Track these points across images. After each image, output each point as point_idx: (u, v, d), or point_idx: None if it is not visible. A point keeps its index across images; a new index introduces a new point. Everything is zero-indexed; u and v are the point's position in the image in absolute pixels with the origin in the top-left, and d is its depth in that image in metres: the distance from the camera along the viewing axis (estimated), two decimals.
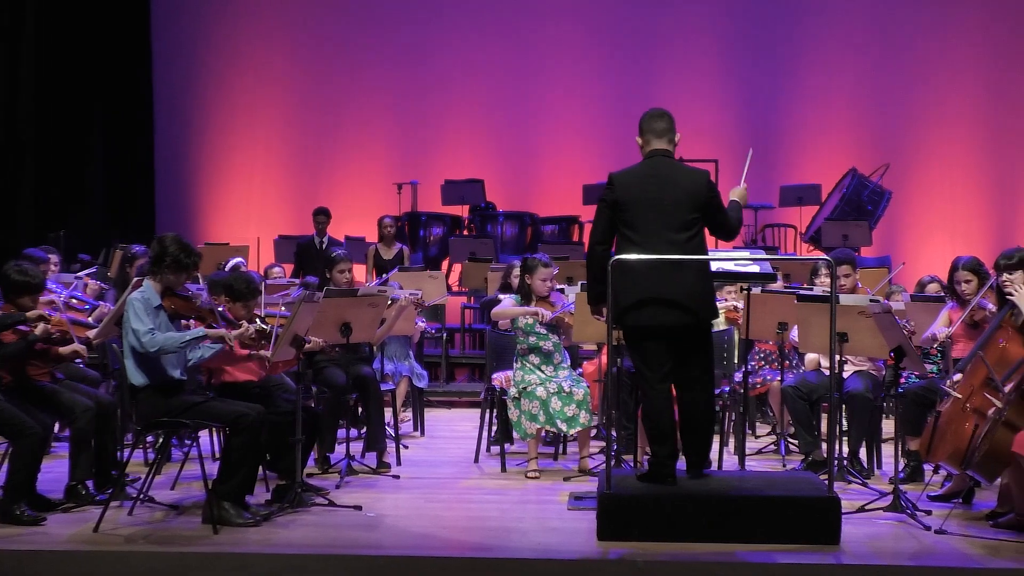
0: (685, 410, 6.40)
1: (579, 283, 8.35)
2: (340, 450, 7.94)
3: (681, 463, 6.43)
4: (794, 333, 8.03)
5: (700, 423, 6.39)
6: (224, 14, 16.12)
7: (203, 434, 7.86)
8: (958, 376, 6.90)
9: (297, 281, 10.50)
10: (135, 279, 7.01)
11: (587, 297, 6.66)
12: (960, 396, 6.71)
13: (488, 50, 15.90)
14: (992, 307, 7.15)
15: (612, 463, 6.46)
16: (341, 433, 8.15)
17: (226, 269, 9.55)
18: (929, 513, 6.69)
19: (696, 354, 6.38)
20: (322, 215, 13.43)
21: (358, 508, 6.83)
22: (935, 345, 7.57)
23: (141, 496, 6.71)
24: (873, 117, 15.52)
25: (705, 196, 6.33)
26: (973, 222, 15.18)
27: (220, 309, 6.82)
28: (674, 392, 6.44)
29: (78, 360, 7.24)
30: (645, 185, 6.34)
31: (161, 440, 7.32)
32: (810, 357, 8.29)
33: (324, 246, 12.99)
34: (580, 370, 8.70)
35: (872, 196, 14.11)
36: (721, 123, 15.18)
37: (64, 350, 6.94)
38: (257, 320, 6.99)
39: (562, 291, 8.36)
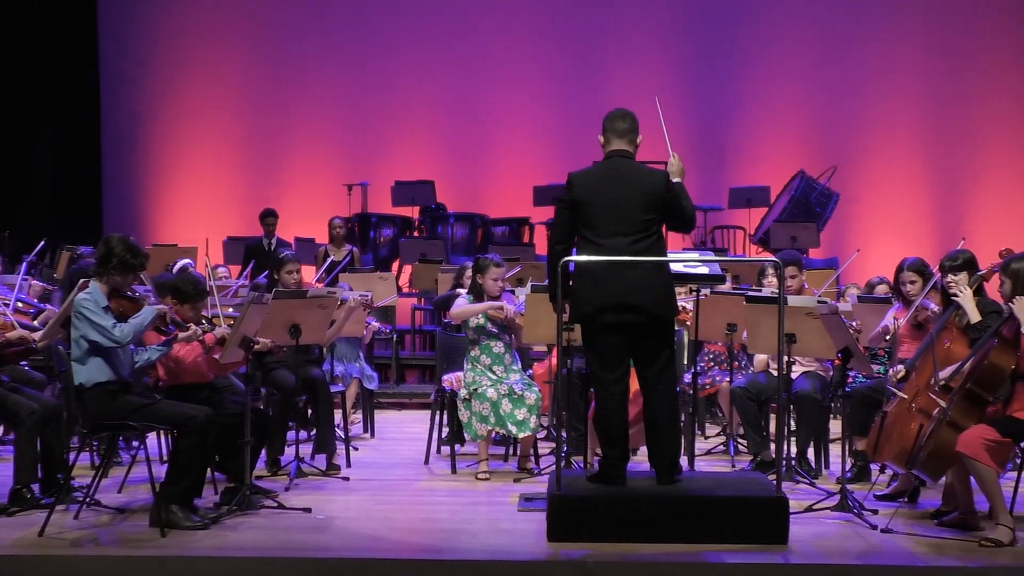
0: (650, 409, 6.41)
1: (529, 284, 8.36)
2: (290, 452, 7.90)
3: (639, 466, 6.46)
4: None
5: (664, 421, 6.40)
6: (172, 13, 15.99)
7: (151, 436, 7.79)
8: (900, 368, 6.97)
9: (242, 282, 10.44)
10: (80, 281, 6.94)
11: (549, 296, 6.66)
12: (906, 396, 6.78)
13: (439, 51, 15.89)
14: (935, 307, 7.22)
15: (562, 464, 6.47)
16: (291, 435, 8.11)
17: (173, 271, 9.47)
18: (875, 512, 6.75)
19: (658, 353, 6.40)
20: (271, 216, 13.37)
21: (307, 510, 6.80)
22: (887, 337, 7.61)
23: (87, 499, 6.65)
24: (821, 120, 15.66)
25: (663, 196, 6.36)
26: (919, 223, 15.35)
27: (167, 308, 6.76)
28: (634, 394, 6.47)
29: (24, 363, 7.16)
30: (603, 185, 6.37)
31: (108, 443, 7.24)
32: (759, 358, 8.34)
33: (273, 247, 12.92)
34: (531, 372, 8.70)
35: (820, 198, 14.23)
36: (670, 124, 15.20)
37: (11, 335, 6.89)
38: (204, 322, 6.95)
39: (513, 292, 8.37)
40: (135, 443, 7.95)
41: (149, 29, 15.99)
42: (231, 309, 7.65)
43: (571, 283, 6.39)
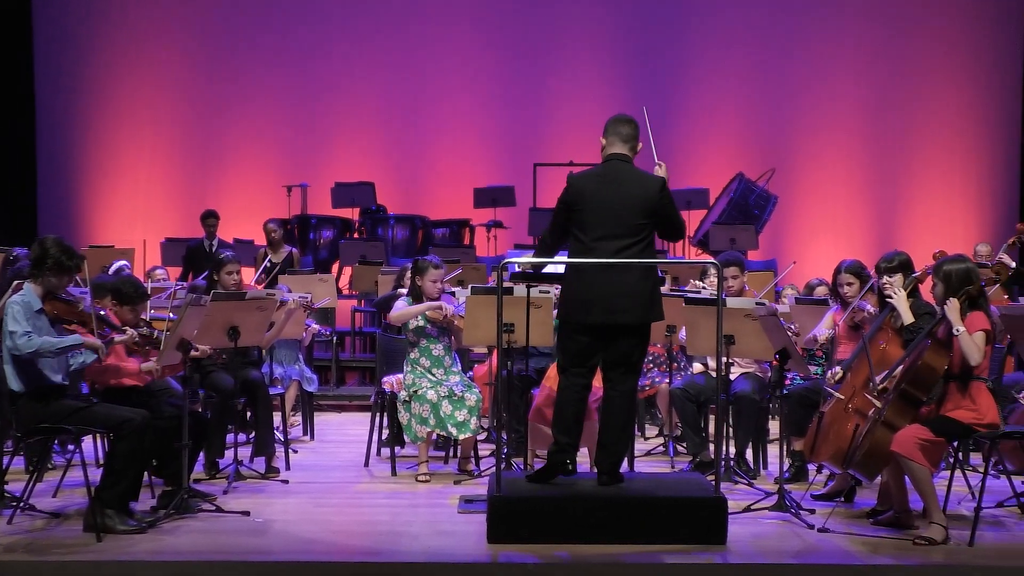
0: (608, 408, 6.45)
1: (470, 286, 8.35)
2: (228, 455, 7.84)
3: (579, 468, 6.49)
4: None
5: (619, 421, 6.44)
6: (110, 12, 15.83)
7: (86, 440, 7.70)
8: (837, 369, 7.05)
9: (183, 284, 10.34)
10: (15, 283, 6.84)
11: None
12: (842, 397, 6.86)
13: (378, 52, 15.85)
14: (872, 309, 7.31)
15: (502, 466, 6.48)
16: (229, 438, 8.05)
17: (110, 272, 9.37)
18: (812, 512, 6.81)
19: (631, 354, 6.45)
20: (212, 217, 13.28)
21: (246, 514, 6.75)
22: (817, 347, 7.71)
23: (21, 504, 6.56)
24: (759, 122, 15.79)
25: (657, 202, 6.42)
26: (857, 225, 15.53)
27: (103, 313, 6.68)
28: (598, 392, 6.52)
29: None
30: (599, 188, 6.40)
31: (42, 447, 7.15)
32: (698, 366, 8.41)
33: (214, 249, 12.82)
34: (471, 374, 8.70)
35: (759, 200, 14.35)
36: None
37: None
38: (143, 325, 6.88)
39: (453, 294, 8.36)
40: (70, 447, 7.84)
41: (85, 28, 15.80)
42: (168, 312, 7.58)
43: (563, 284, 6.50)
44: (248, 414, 8.60)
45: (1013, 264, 11.00)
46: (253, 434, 8.33)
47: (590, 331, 6.38)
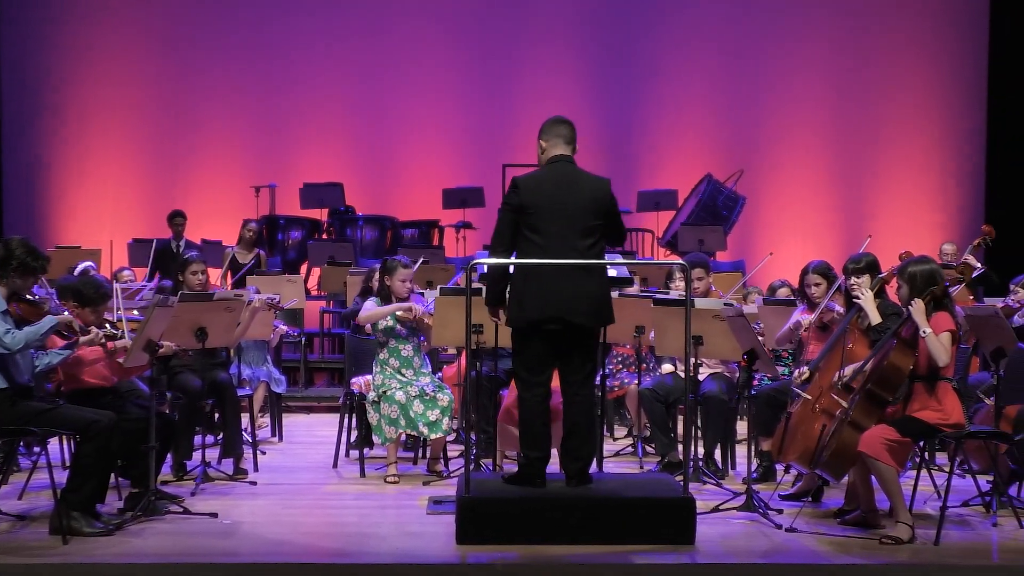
0: (570, 413, 6.44)
1: (439, 287, 8.35)
2: (196, 457, 7.80)
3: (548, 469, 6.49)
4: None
5: (583, 426, 6.43)
6: (76, 12, 15.72)
7: (52, 442, 7.63)
8: (805, 369, 7.09)
9: (149, 284, 10.29)
10: None
11: (485, 299, 6.61)
12: (810, 397, 6.89)
13: (347, 52, 15.81)
14: (840, 309, 7.36)
15: (471, 467, 6.47)
16: (197, 439, 8.01)
17: (75, 273, 9.30)
18: (780, 512, 6.84)
19: (586, 358, 6.45)
20: (179, 217, 13.22)
21: (214, 515, 6.73)
22: (800, 331, 7.71)
23: None
24: (727, 124, 15.85)
25: (608, 203, 6.41)
26: (824, 225, 15.61)
27: (67, 314, 6.64)
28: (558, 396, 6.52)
29: None
30: (551, 190, 6.37)
31: (7, 449, 7.10)
32: (667, 366, 8.43)
33: (181, 249, 12.76)
34: (440, 375, 8.69)
35: (727, 201, 14.40)
36: (579, 128, 15.21)
37: None
38: (107, 326, 6.83)
39: (422, 294, 8.35)
40: (36, 449, 7.78)
41: (51, 28, 15.69)
42: (135, 312, 7.53)
43: (511, 287, 6.41)
44: (216, 415, 8.56)
45: (978, 265, 11.09)
46: (221, 435, 8.29)
47: (545, 335, 6.34)
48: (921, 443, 6.83)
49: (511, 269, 6.41)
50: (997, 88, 15.49)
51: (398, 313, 7.93)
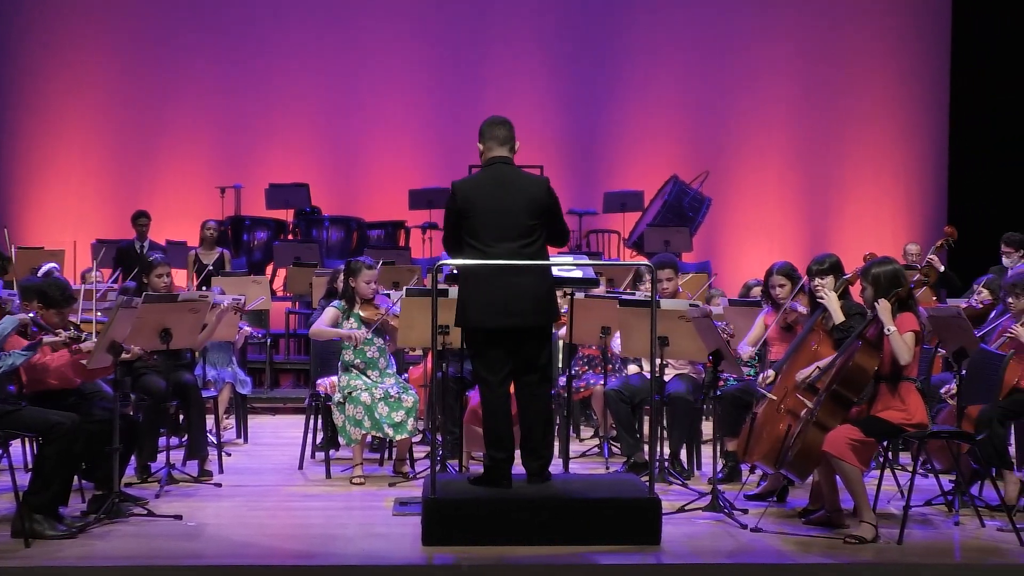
0: (527, 413, 6.45)
1: (404, 288, 8.33)
2: (161, 459, 7.76)
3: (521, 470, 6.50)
4: (616, 339, 8.17)
5: (541, 425, 6.46)
6: (40, 10, 15.60)
7: (14, 444, 7.56)
8: (770, 372, 7.13)
9: (115, 285, 10.23)
10: None
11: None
12: (775, 398, 6.93)
13: (314, 52, 15.76)
14: (803, 309, 7.39)
15: (437, 468, 6.47)
16: (162, 441, 7.96)
17: (39, 274, 9.23)
18: (746, 512, 6.87)
19: (537, 357, 6.46)
20: (143, 218, 13.14)
21: (178, 517, 6.69)
22: (753, 350, 7.77)
23: None
24: (693, 125, 15.90)
25: (545, 202, 6.42)
26: (790, 226, 15.68)
27: (31, 315, 6.59)
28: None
29: None
30: (486, 193, 6.39)
31: None
32: (632, 367, 8.45)
33: (145, 250, 12.68)
34: (406, 376, 8.68)
35: (693, 203, 14.45)
36: (546, 129, 15.33)
37: None
38: (72, 328, 6.78)
39: (388, 295, 8.34)
40: None
41: (15, 25, 15.57)
42: (99, 313, 7.48)
43: (459, 292, 6.46)
44: (180, 417, 8.51)
45: (941, 266, 11.18)
46: (186, 437, 8.25)
47: (496, 336, 6.36)
48: (885, 443, 6.87)
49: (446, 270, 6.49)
50: (959, 90, 15.63)
51: (363, 314, 7.92)
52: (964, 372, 7.04)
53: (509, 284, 6.31)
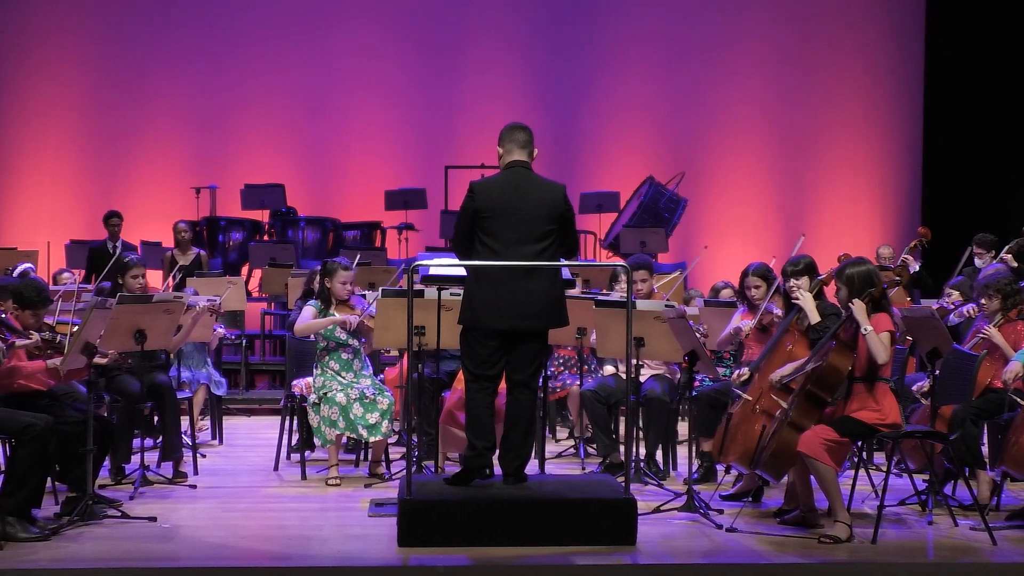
0: (513, 411, 6.47)
1: (381, 288, 8.32)
2: (135, 460, 7.73)
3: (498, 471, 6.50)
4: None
5: (525, 424, 6.48)
6: (11, 10, 15.51)
7: None
8: (745, 371, 7.15)
9: (90, 286, 10.18)
10: None
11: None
12: (750, 398, 6.95)
13: (289, 52, 15.72)
14: (778, 311, 7.42)
15: (413, 469, 6.46)
16: (136, 443, 7.93)
17: (14, 275, 9.18)
18: (721, 512, 6.88)
19: (535, 358, 6.50)
20: (115, 218, 13.08)
21: (153, 519, 6.66)
22: (732, 344, 7.79)
23: None
24: (669, 126, 15.94)
25: (562, 208, 6.47)
26: (765, 227, 15.73)
27: (3, 316, 6.55)
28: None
29: None
30: (505, 195, 6.43)
31: None
32: (608, 368, 8.46)
33: (117, 251, 12.62)
34: (382, 377, 8.66)
35: (668, 204, 14.49)
36: None
37: None
38: (46, 330, 6.74)
39: (363, 296, 8.32)
40: None
41: None
42: (73, 315, 7.44)
43: (464, 289, 6.50)
44: (155, 418, 8.48)
45: (915, 267, 11.23)
46: (160, 439, 8.22)
47: (498, 336, 6.40)
48: (859, 443, 6.91)
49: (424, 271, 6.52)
50: (933, 92, 15.72)
51: (337, 315, 7.91)
52: (938, 372, 7.09)
53: (515, 286, 6.35)
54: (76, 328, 6.72)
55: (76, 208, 15.29)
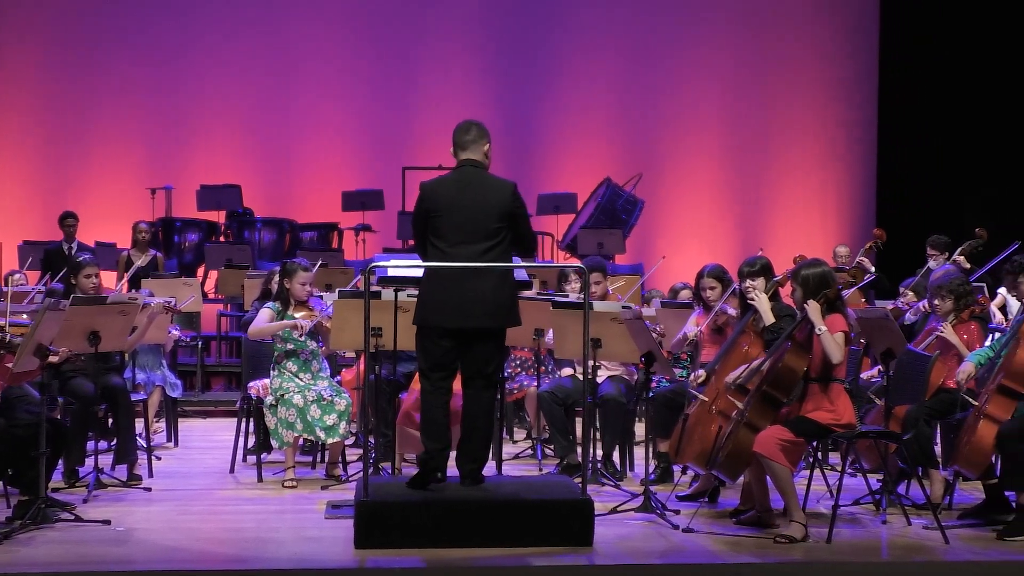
0: (470, 412, 6.47)
1: (337, 290, 8.29)
2: (89, 463, 7.65)
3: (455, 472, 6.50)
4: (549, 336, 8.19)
5: (482, 425, 6.48)
6: None
7: None
8: (701, 372, 7.19)
9: (43, 288, 10.08)
10: None
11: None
12: (706, 399, 6.98)
13: (245, 51, 15.65)
14: (733, 311, 7.46)
15: (370, 471, 6.45)
16: (90, 445, 7.85)
17: None
18: (677, 512, 6.91)
19: (490, 359, 6.48)
20: (70, 218, 12.98)
21: (107, 523, 6.60)
22: (686, 345, 7.84)
23: None
24: (626, 128, 15.99)
25: (510, 206, 6.44)
26: (721, 229, 15.82)
27: None
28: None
29: None
30: (453, 195, 6.42)
31: None
32: (566, 369, 8.47)
33: (73, 251, 12.52)
34: (339, 378, 8.63)
35: (626, 205, 14.53)
36: None
37: None
38: None
39: (321, 297, 8.29)
40: None
41: None
42: (25, 316, 7.37)
43: (419, 289, 6.49)
44: (109, 420, 8.41)
45: (871, 268, 11.33)
46: (114, 441, 8.15)
47: (448, 335, 6.39)
48: (814, 443, 6.95)
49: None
50: (887, 95, 15.86)
51: (296, 316, 7.87)
52: (891, 373, 7.14)
53: (465, 286, 6.33)
54: (28, 329, 6.65)
55: (29, 208, 15.15)
